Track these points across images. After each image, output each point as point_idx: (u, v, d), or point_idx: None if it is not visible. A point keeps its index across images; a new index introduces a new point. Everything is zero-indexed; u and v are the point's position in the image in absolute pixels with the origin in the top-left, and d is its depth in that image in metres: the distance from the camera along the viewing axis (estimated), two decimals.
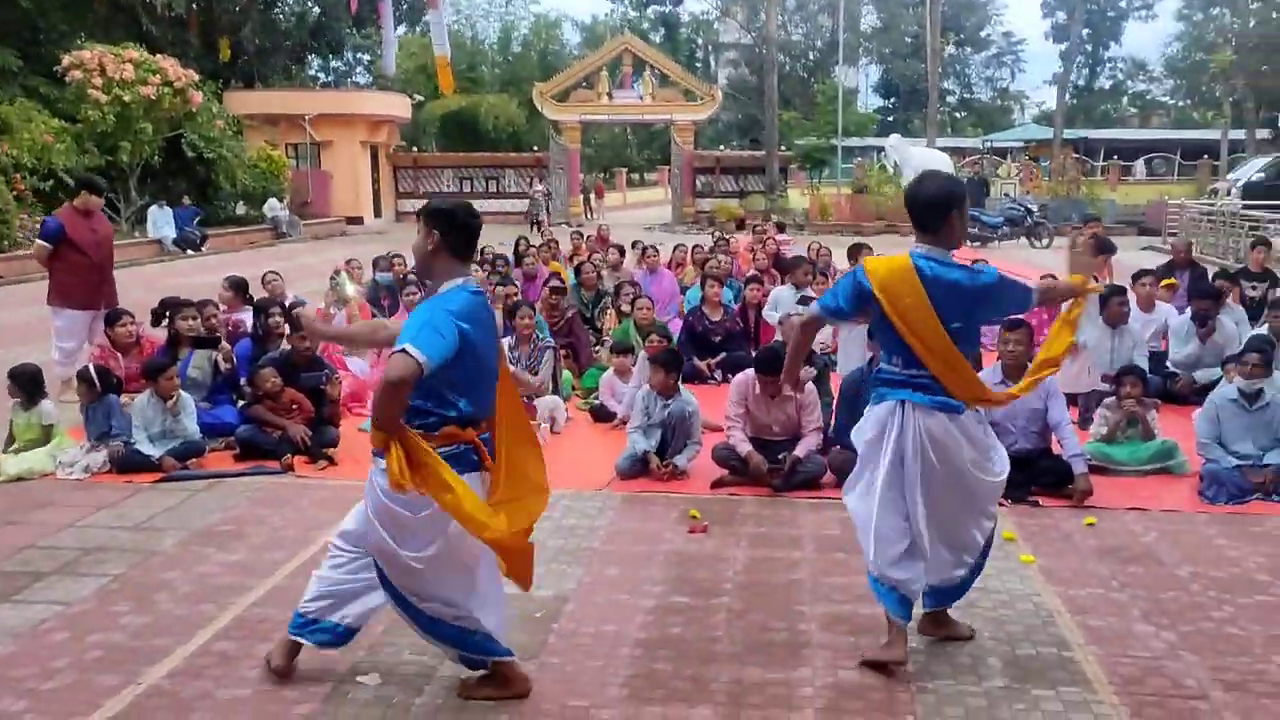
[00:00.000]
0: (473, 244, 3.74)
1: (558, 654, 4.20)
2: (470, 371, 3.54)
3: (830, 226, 29.56)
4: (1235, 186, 25.20)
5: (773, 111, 33.60)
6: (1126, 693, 3.84)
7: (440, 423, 3.54)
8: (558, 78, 36.29)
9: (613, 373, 8.13)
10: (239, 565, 5.18)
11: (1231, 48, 32.80)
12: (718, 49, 65.71)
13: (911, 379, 3.92)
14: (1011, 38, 72.58)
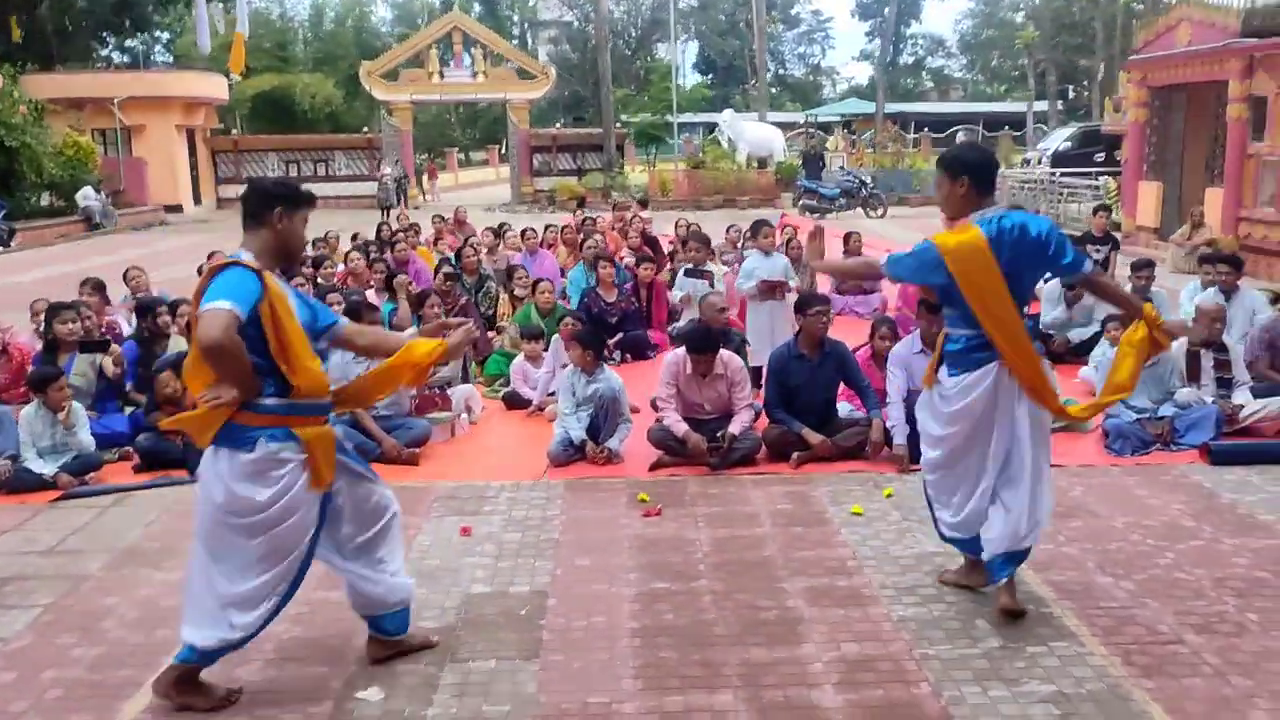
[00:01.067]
0: None
1: (558, 651, 4.13)
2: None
3: (670, 202, 29.81)
4: (1045, 155, 26.79)
5: (607, 88, 33.59)
6: (1110, 643, 4.06)
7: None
8: (385, 56, 35.27)
9: (524, 359, 8.00)
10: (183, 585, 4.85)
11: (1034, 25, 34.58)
12: (534, 26, 65.25)
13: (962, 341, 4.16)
14: (820, 15, 75.00)
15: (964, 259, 3.99)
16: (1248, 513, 5.44)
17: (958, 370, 4.18)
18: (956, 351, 4.19)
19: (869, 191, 25.08)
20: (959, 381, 4.16)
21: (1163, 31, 16.10)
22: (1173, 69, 15.77)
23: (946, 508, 4.41)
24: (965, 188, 4.11)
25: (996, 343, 4.03)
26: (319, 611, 4.53)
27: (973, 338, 4.11)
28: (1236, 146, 14.17)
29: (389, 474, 6.25)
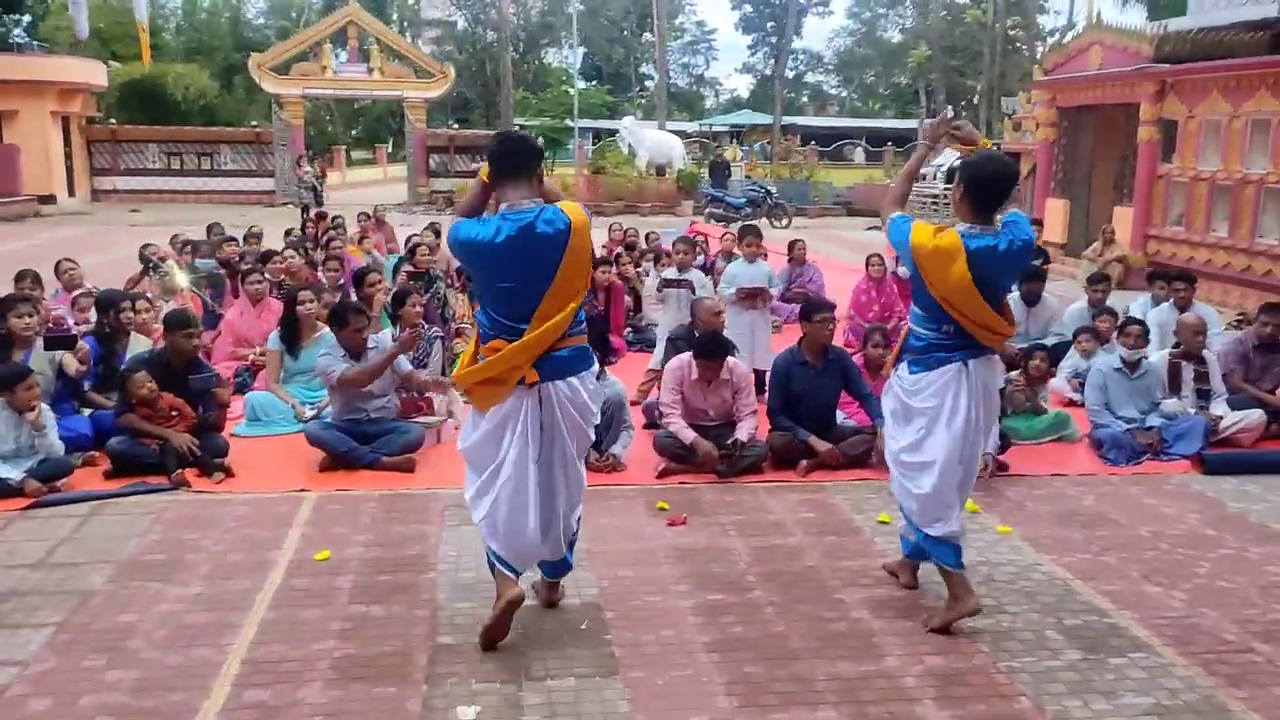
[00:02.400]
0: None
1: (636, 668, 3.96)
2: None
3: None
4: (939, 171, 27.56)
5: (508, 91, 33.27)
6: (1187, 653, 4.10)
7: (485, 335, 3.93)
8: (276, 48, 34.06)
9: None
10: (204, 599, 4.52)
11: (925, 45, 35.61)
12: (415, 25, 64.17)
13: (966, 342, 4.14)
14: (704, 27, 75.79)
15: (928, 259, 4.04)
16: (1260, 522, 5.61)
17: (919, 368, 4.22)
18: (919, 349, 4.23)
19: (774, 201, 25.40)
20: (918, 380, 4.22)
21: (1073, 54, 16.71)
22: (1083, 91, 16.38)
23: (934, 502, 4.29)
24: (960, 196, 4.14)
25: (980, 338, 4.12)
26: (364, 627, 4.26)
27: (938, 335, 4.15)
28: (1147, 167, 14.79)
29: (385, 481, 6.07)
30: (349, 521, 5.49)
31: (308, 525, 5.42)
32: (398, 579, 4.75)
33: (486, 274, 3.88)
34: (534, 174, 3.88)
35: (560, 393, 3.91)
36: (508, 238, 3.75)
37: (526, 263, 3.77)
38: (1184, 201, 14.15)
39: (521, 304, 3.82)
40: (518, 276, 3.79)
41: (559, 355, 3.89)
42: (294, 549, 5.10)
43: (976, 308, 4.06)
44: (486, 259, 3.81)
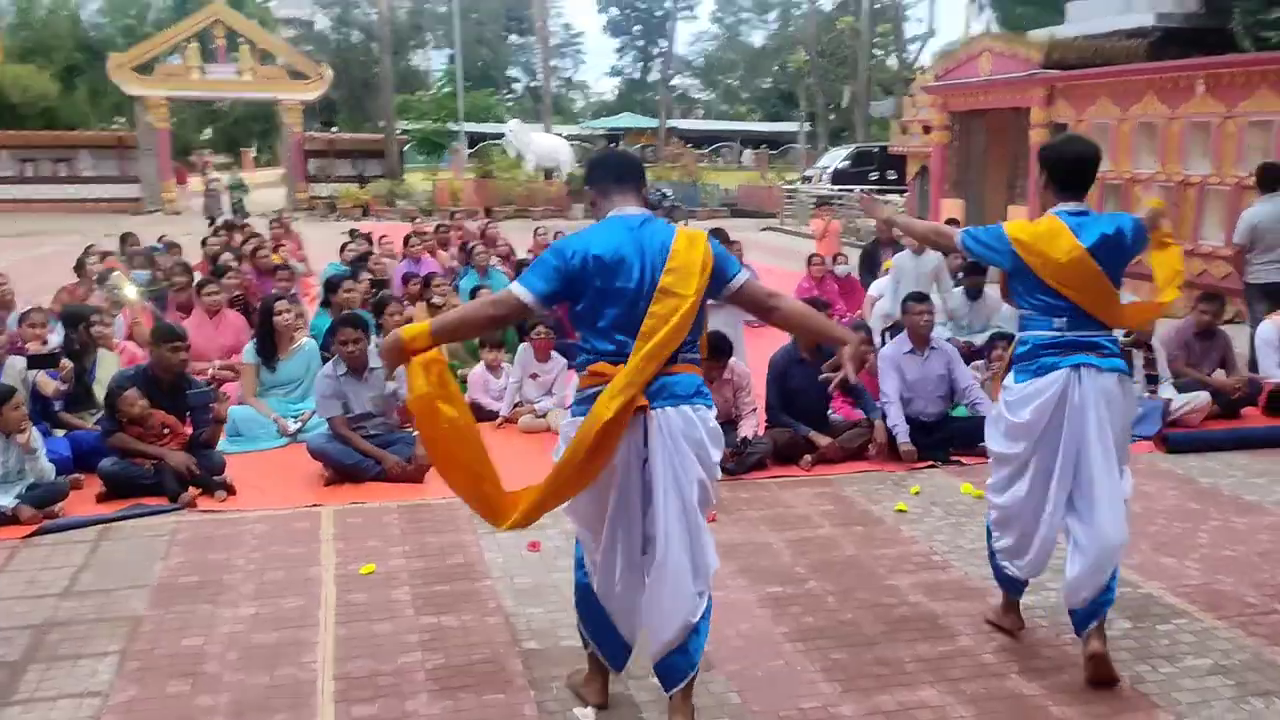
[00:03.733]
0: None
1: (729, 661, 4.06)
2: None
3: (461, 212, 29.38)
4: (826, 173, 28.42)
5: (389, 93, 32.74)
6: (1222, 617, 4.42)
7: (587, 360, 3.43)
8: (138, 48, 32.65)
9: (483, 368, 7.72)
10: (264, 619, 4.41)
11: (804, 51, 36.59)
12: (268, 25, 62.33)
13: (1080, 340, 3.85)
14: (571, 29, 75.94)
15: (1037, 245, 3.83)
16: (1233, 495, 6.05)
17: (1024, 377, 3.92)
18: (1023, 354, 3.95)
19: (671, 203, 25.69)
20: (1023, 389, 3.91)
21: (963, 61, 17.48)
22: (975, 95, 17.15)
23: (1008, 538, 4.10)
24: (1044, 179, 4.04)
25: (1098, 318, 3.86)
26: (443, 637, 4.23)
27: (1050, 337, 3.86)
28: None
29: (397, 493, 6.00)
30: (378, 534, 5.42)
31: (338, 540, 5.33)
32: (455, 589, 4.73)
33: (600, 285, 3.34)
34: (641, 187, 3.62)
35: (671, 423, 3.32)
36: (625, 241, 3.37)
37: (641, 268, 3.34)
38: None
39: (632, 313, 3.33)
40: (632, 282, 3.33)
41: (671, 379, 3.34)
42: (333, 564, 5.01)
43: (1094, 280, 3.81)
44: (605, 268, 3.33)
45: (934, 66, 18.99)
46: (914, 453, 6.49)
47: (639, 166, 3.68)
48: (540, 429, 7.29)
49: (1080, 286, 3.84)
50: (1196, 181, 12.70)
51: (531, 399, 7.49)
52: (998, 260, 4.00)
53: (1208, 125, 12.57)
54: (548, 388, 7.52)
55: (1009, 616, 4.30)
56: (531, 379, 7.50)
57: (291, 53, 34.21)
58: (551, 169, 32.17)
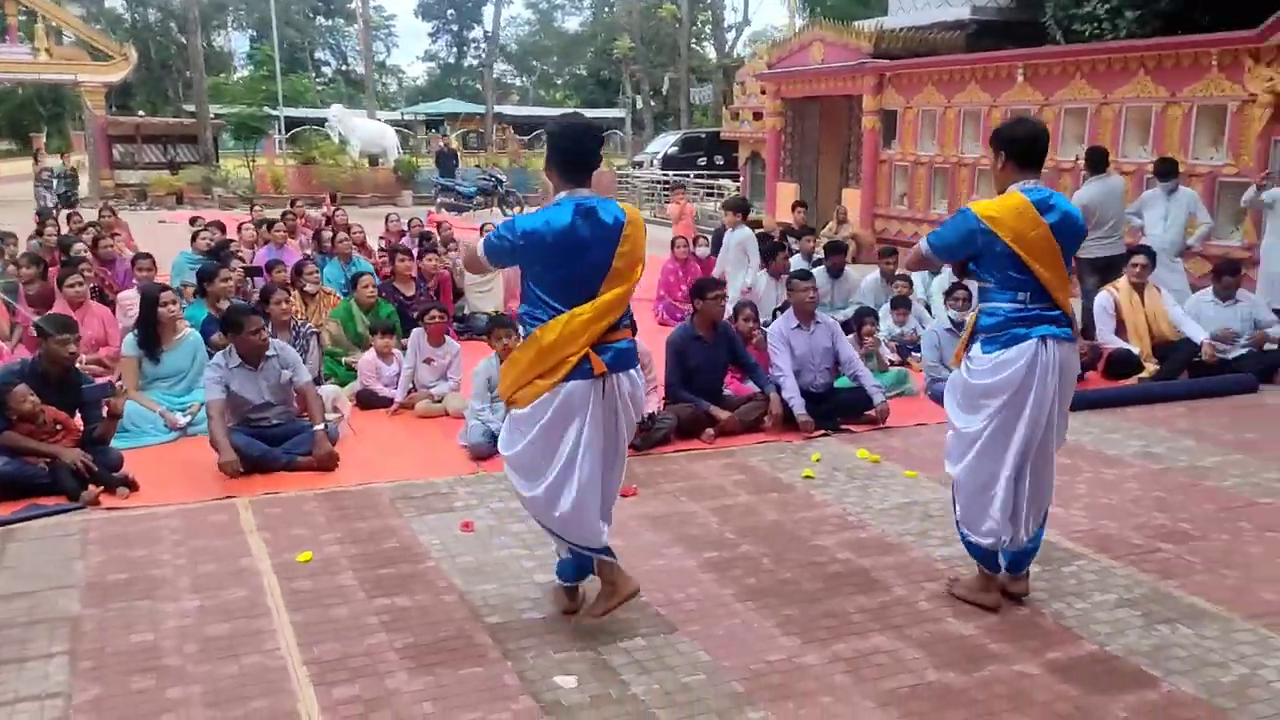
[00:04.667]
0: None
1: (690, 621, 4.23)
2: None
3: (283, 198, 28.36)
4: (655, 159, 28.87)
5: (200, 76, 31.21)
6: (1115, 557, 4.90)
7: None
8: None
9: (375, 355, 7.62)
10: (211, 611, 4.32)
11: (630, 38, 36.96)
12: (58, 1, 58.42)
13: (1043, 314, 4.07)
14: (383, 12, 74.16)
15: (1009, 220, 3.99)
16: (1096, 449, 6.64)
17: (994, 347, 4.11)
18: (993, 326, 4.13)
19: (506, 190, 25.59)
20: (993, 358, 4.10)
21: (795, 50, 18.12)
22: (807, 83, 17.82)
23: (965, 507, 4.30)
24: (1002, 160, 4.17)
25: (1057, 299, 4.07)
26: (404, 618, 4.25)
27: (1016, 310, 4.07)
28: (871, 152, 16.37)
29: (312, 481, 5.92)
30: (303, 523, 5.34)
31: (263, 531, 5.22)
32: (400, 571, 4.74)
33: (552, 261, 3.81)
34: (597, 166, 3.98)
35: (622, 386, 3.94)
36: (579, 224, 3.78)
37: (595, 248, 3.81)
38: (906, 183, 15.81)
39: (585, 289, 3.83)
40: (585, 262, 3.81)
41: (620, 346, 3.92)
42: (266, 554, 4.92)
43: (1055, 258, 4.03)
44: (558, 246, 3.78)
45: (765, 54, 19.56)
46: (811, 423, 6.83)
47: (598, 145, 4.00)
48: (437, 413, 7.28)
49: (1046, 263, 4.04)
50: None
51: (426, 384, 7.46)
52: (967, 249, 4.13)
53: (1027, 112, 13.50)
54: (442, 372, 7.50)
55: (988, 594, 4.35)
56: (426, 364, 7.47)
57: (92, 32, 32.18)
58: (377, 155, 31.44)
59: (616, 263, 3.85)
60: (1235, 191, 11.05)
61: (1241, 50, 10.84)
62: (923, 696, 3.68)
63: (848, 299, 10.10)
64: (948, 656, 3.96)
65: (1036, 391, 4.08)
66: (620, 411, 3.97)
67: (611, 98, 54.87)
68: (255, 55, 38.18)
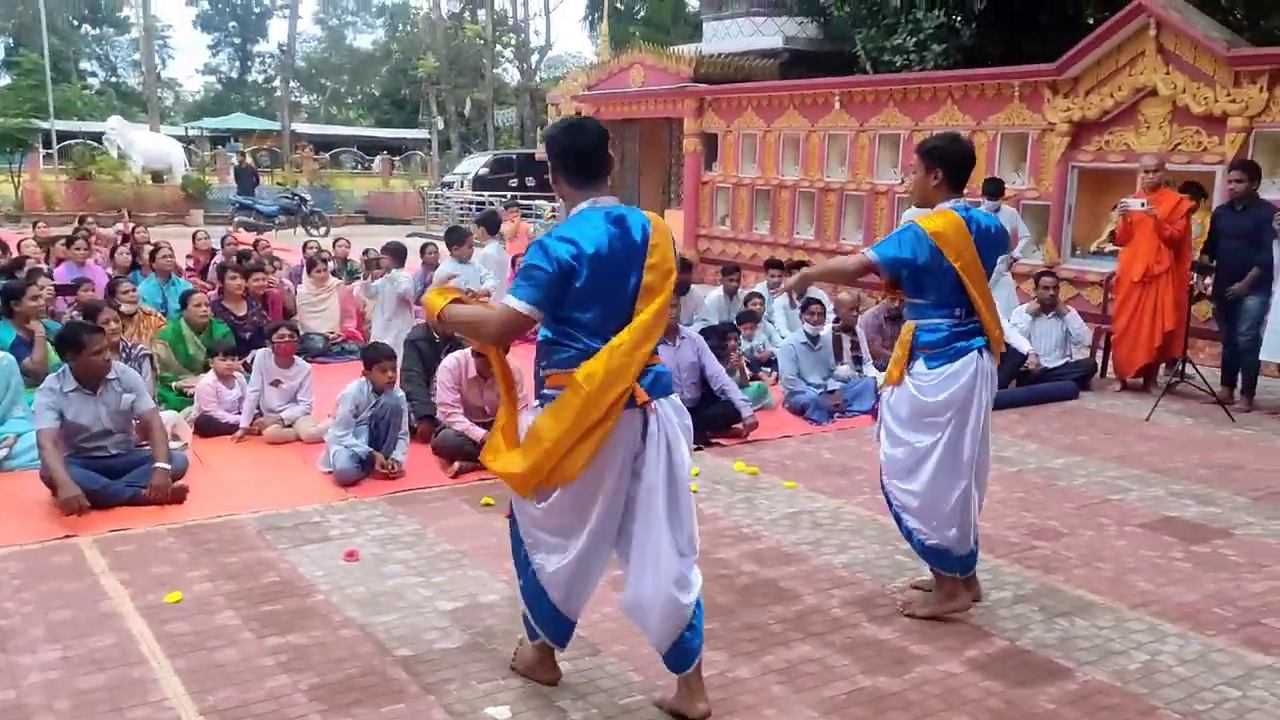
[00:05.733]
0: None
1: (615, 641, 4.08)
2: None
3: (58, 216, 26.37)
4: (466, 179, 28.42)
5: None
6: (999, 555, 5.07)
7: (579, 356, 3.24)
8: None
9: (215, 378, 7.08)
10: (78, 662, 3.86)
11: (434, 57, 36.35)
12: None
13: (977, 329, 4.16)
14: (158, 22, 70.50)
15: (951, 238, 4.05)
16: None
17: (939, 361, 4.14)
18: (937, 341, 4.15)
19: (310, 209, 24.64)
20: (941, 372, 4.13)
21: (615, 72, 18.27)
22: (627, 105, 17.99)
23: (935, 520, 4.26)
24: (939, 179, 4.18)
25: (982, 317, 4.15)
26: (303, 657, 3.93)
27: (954, 325, 4.13)
28: (692, 175, 16.65)
29: (159, 516, 5.44)
30: (162, 560, 4.87)
31: (117, 571, 4.72)
32: (287, 607, 4.38)
33: (586, 286, 3.17)
34: (612, 168, 3.44)
35: (669, 416, 3.34)
36: (612, 238, 3.21)
37: (627, 263, 3.23)
38: (728, 204, 16.15)
39: (621, 313, 3.24)
40: (619, 281, 3.22)
41: (658, 369, 3.37)
42: (126, 596, 4.45)
43: (982, 276, 4.11)
44: (592, 268, 3.16)
45: (582, 76, 19.61)
46: (755, 423, 6.82)
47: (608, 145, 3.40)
48: (289, 439, 6.84)
49: (976, 279, 4.10)
50: (836, 188, 14.16)
51: (274, 408, 7.00)
52: (911, 262, 4.09)
53: (844, 137, 14.06)
54: (292, 395, 7.06)
55: (957, 600, 4.34)
56: (273, 386, 7.01)
57: None
58: (162, 171, 29.72)
59: (647, 276, 3.27)
60: (1038, 213, 11.85)
61: (1041, 82, 11.62)
62: (860, 702, 3.67)
63: (692, 317, 10.18)
64: (874, 661, 3.97)
65: (979, 400, 4.16)
66: (673, 446, 3.34)
67: (408, 118, 53.92)
68: (20, 63, 35.35)
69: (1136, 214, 8.47)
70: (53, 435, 5.45)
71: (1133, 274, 8.63)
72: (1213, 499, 6.01)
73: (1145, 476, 6.46)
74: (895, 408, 4.33)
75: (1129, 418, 8.01)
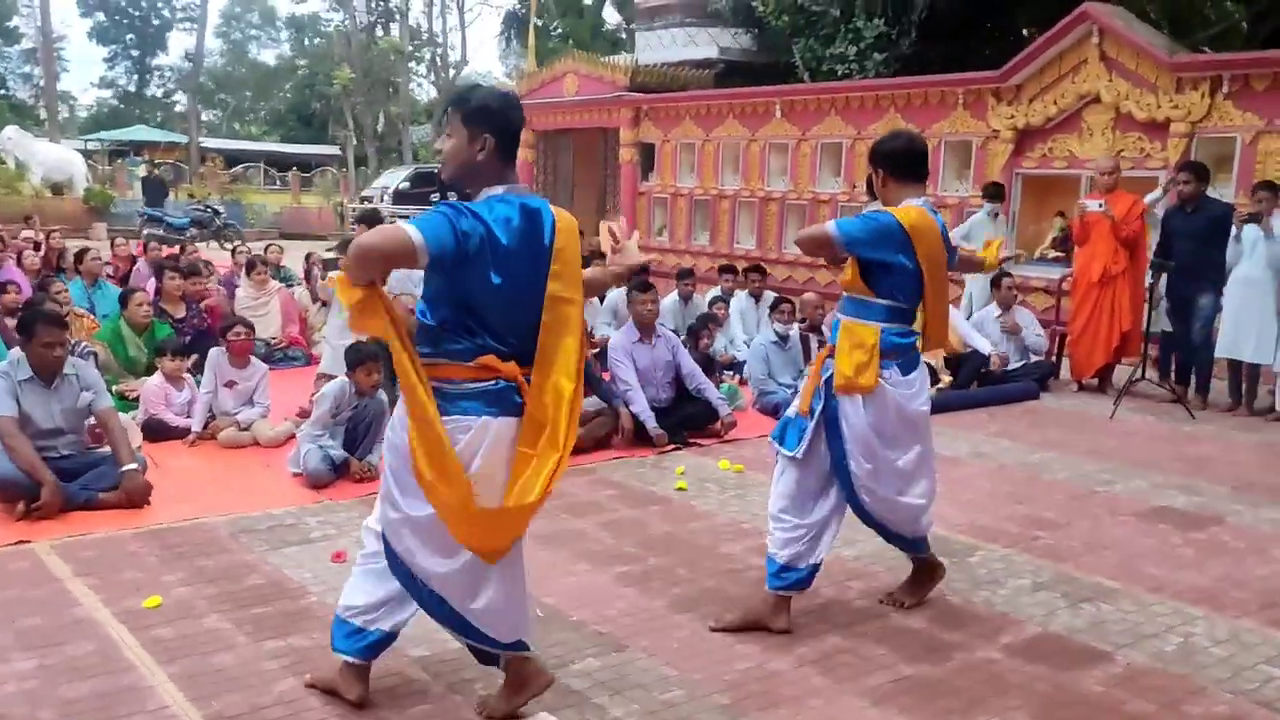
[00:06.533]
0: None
1: (638, 636, 3.88)
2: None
3: None
4: (386, 193, 27.85)
5: None
6: (1006, 545, 5.00)
7: (474, 351, 2.95)
8: None
9: (163, 380, 6.67)
10: (59, 670, 3.52)
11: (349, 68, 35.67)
12: None
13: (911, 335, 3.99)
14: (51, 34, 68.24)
15: (924, 235, 3.85)
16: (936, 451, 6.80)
17: (912, 369, 3.99)
18: (905, 346, 3.96)
19: (223, 223, 23.88)
20: (916, 377, 4.01)
21: (548, 81, 18.05)
22: (561, 115, 17.79)
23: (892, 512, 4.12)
24: (881, 176, 4.01)
25: (930, 320, 4.02)
26: (308, 659, 3.64)
27: (908, 330, 3.98)
28: (629, 185, 16.52)
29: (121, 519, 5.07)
30: (132, 565, 4.51)
31: (84, 577, 4.36)
32: (280, 609, 4.08)
33: (484, 272, 2.90)
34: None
35: None
36: (521, 224, 2.95)
37: (533, 257, 2.97)
38: (666, 215, 16.05)
39: (522, 313, 2.99)
40: (523, 274, 2.95)
41: None
42: (100, 603, 4.09)
43: (943, 283, 4.01)
44: (492, 253, 2.89)
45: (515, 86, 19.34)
46: (664, 436, 6.62)
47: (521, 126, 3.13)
48: (245, 443, 6.47)
49: (939, 280, 3.96)
50: (778, 197, 14.15)
51: (229, 410, 6.62)
52: (876, 251, 3.85)
53: (785, 146, 14.08)
54: (247, 396, 6.69)
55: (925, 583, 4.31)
56: (227, 388, 6.63)
57: None
58: (62, 183, 28.58)
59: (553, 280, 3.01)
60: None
61: (985, 90, 11.76)
62: (907, 691, 3.52)
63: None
64: (910, 650, 3.83)
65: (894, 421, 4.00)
66: None
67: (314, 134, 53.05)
68: None
69: (1093, 215, 8.58)
70: (13, 422, 5.03)
71: (1091, 275, 8.72)
72: (1196, 489, 6.03)
73: (1123, 469, 6.47)
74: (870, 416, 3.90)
75: (1092, 415, 8.06)
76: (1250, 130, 9.69)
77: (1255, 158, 9.69)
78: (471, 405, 2.95)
